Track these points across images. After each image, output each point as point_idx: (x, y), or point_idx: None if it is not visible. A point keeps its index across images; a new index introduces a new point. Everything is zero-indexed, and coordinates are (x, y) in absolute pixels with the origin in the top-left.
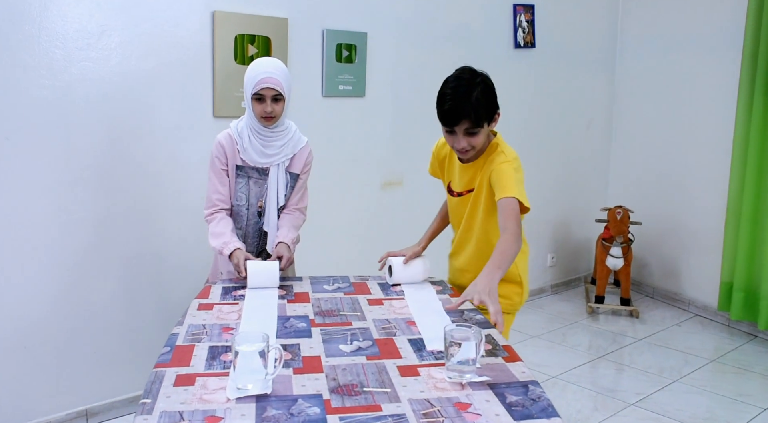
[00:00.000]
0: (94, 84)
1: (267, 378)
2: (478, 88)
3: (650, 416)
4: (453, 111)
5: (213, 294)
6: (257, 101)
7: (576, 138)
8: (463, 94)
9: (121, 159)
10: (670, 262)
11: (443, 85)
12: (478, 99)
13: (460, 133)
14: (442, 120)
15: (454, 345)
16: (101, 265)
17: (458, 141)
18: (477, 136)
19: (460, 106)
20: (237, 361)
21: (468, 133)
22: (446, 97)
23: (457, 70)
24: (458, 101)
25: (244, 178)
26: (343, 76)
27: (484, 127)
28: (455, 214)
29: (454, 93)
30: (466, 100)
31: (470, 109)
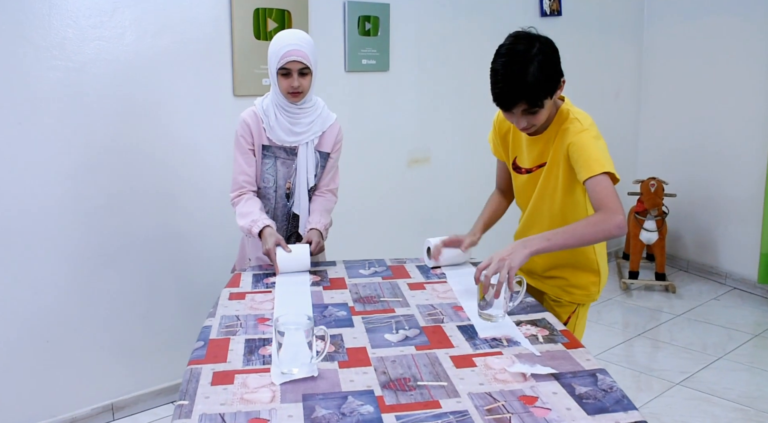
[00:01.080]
0: (109, 64)
1: (313, 361)
2: (534, 63)
3: (698, 396)
4: (506, 94)
5: (243, 282)
6: (283, 76)
7: (604, 108)
8: (517, 72)
9: (138, 142)
10: (705, 234)
11: (495, 59)
12: (535, 76)
13: (517, 114)
14: (496, 102)
15: (483, 285)
16: (121, 253)
17: (518, 122)
18: (538, 115)
19: (513, 87)
20: (282, 344)
21: (526, 113)
22: (498, 76)
23: (510, 38)
24: (511, 82)
25: (271, 158)
26: (366, 49)
27: (546, 103)
28: (523, 193)
29: (506, 71)
30: (521, 79)
31: (526, 89)
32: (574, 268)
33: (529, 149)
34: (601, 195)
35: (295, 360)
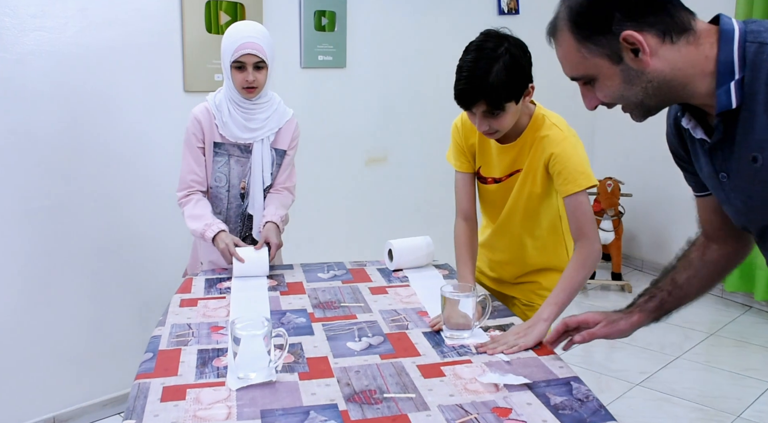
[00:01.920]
0: (51, 56)
1: (271, 365)
2: (499, 62)
3: (659, 396)
4: (467, 92)
5: (195, 287)
6: (237, 70)
7: (560, 108)
8: (481, 70)
9: (83, 140)
10: (660, 233)
11: (462, 55)
12: (498, 76)
13: (478, 114)
14: (457, 100)
15: (449, 303)
16: (66, 258)
17: (479, 124)
18: (501, 118)
19: (474, 85)
20: (238, 348)
21: (488, 115)
22: (462, 72)
23: (481, 35)
24: (474, 80)
25: (224, 156)
26: (322, 45)
27: (509, 107)
28: (491, 203)
29: (470, 69)
30: (483, 78)
31: (487, 88)
32: (547, 271)
33: (500, 157)
34: (580, 220)
35: (253, 364)
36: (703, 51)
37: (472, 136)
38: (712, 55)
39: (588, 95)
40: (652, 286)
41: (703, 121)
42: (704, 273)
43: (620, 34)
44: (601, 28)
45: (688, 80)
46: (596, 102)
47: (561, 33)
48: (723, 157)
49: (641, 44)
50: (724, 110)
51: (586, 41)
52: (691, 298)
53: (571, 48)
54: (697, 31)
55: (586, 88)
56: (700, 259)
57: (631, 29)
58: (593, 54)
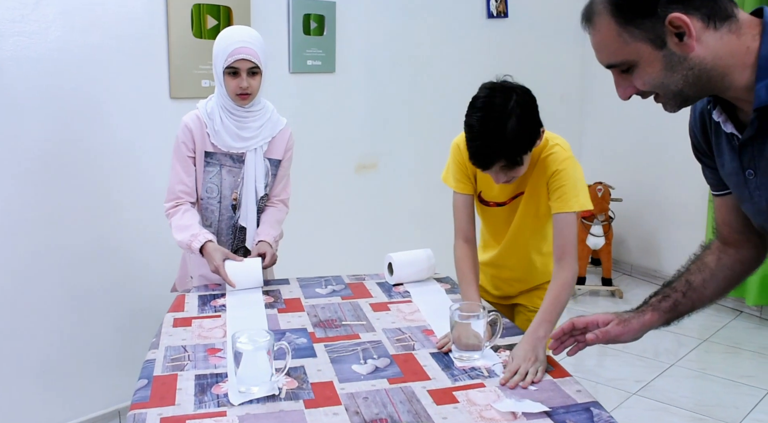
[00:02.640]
0: (31, 61)
1: (273, 379)
2: (513, 117)
3: (657, 406)
4: (484, 153)
5: (188, 305)
6: (230, 76)
7: (549, 111)
8: (495, 129)
9: (66, 147)
10: (649, 238)
11: (470, 112)
12: (514, 133)
13: (496, 170)
14: (473, 160)
15: (459, 325)
16: (50, 270)
17: (496, 177)
18: (519, 168)
19: (491, 145)
20: (240, 362)
21: (506, 168)
22: (474, 132)
23: (486, 90)
24: (489, 140)
25: (215, 166)
26: (311, 50)
27: (526, 158)
28: (493, 226)
29: (483, 128)
30: (499, 136)
31: (505, 147)
32: (531, 288)
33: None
34: (566, 239)
35: (255, 378)
36: (745, 42)
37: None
38: (754, 47)
39: (623, 84)
40: (665, 286)
41: (732, 116)
42: (720, 277)
43: (666, 17)
44: (646, 10)
45: (727, 71)
46: (632, 91)
47: (599, 17)
48: (752, 154)
49: (688, 28)
50: (762, 106)
51: (627, 25)
52: (705, 303)
53: (611, 33)
54: (739, 20)
55: (622, 77)
56: (716, 263)
57: (677, 11)
58: (635, 38)
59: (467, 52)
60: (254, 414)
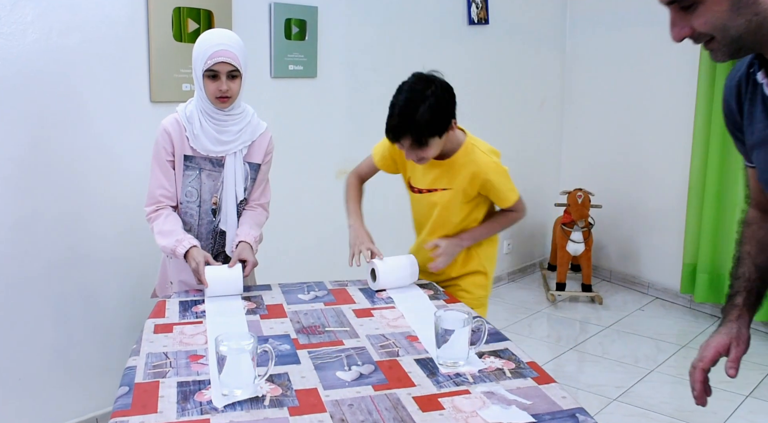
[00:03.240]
0: (7, 64)
1: (256, 382)
2: (426, 103)
3: (636, 411)
4: (395, 128)
5: (169, 311)
6: (210, 79)
7: (529, 118)
8: (408, 110)
9: (44, 151)
10: (627, 244)
11: (395, 94)
12: (423, 116)
13: (405, 146)
14: (387, 134)
15: (444, 332)
16: (24, 276)
17: (407, 154)
18: (426, 149)
19: (402, 123)
20: (223, 365)
21: (414, 147)
22: (394, 110)
23: (412, 77)
24: (401, 118)
25: (194, 170)
26: (293, 54)
27: (433, 142)
28: (419, 210)
29: (400, 108)
30: (410, 117)
31: (413, 126)
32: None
33: (425, 172)
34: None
35: (238, 381)
36: None
37: (397, 151)
38: None
39: (680, 23)
40: (737, 279)
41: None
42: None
43: None
44: None
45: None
46: (687, 32)
47: None
48: None
49: None
50: None
51: None
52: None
53: None
54: None
55: (680, 15)
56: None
57: None
58: None
59: (448, 58)
60: (238, 422)
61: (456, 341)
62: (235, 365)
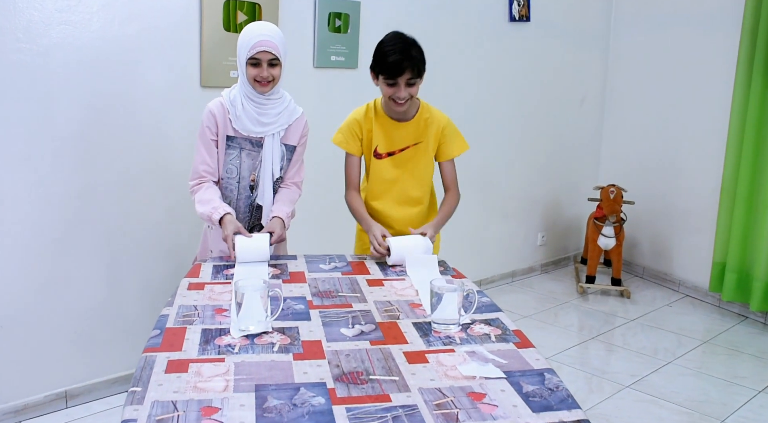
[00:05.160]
0: (75, 49)
1: (267, 320)
2: (414, 46)
3: (646, 398)
4: (397, 63)
5: (203, 273)
6: (252, 66)
7: (569, 115)
8: (405, 48)
9: (102, 129)
10: (660, 242)
11: (382, 44)
12: (417, 53)
13: (402, 83)
14: (387, 71)
15: (438, 296)
16: (82, 241)
17: (400, 91)
18: (415, 87)
19: (402, 58)
20: (241, 304)
21: (409, 83)
22: (389, 51)
23: (391, 33)
24: (401, 54)
25: (236, 149)
26: (335, 46)
27: (419, 81)
28: (380, 174)
29: (395, 48)
30: (408, 52)
31: (412, 61)
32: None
33: (396, 134)
34: (452, 176)
35: (252, 318)
36: None
37: (369, 124)
38: None
39: None
40: None
41: None
42: None
43: None
44: None
45: None
46: None
47: None
48: None
49: None
50: None
51: None
52: None
53: None
54: None
55: None
56: None
57: None
58: None
59: (489, 54)
60: (248, 362)
61: (447, 305)
62: (250, 305)
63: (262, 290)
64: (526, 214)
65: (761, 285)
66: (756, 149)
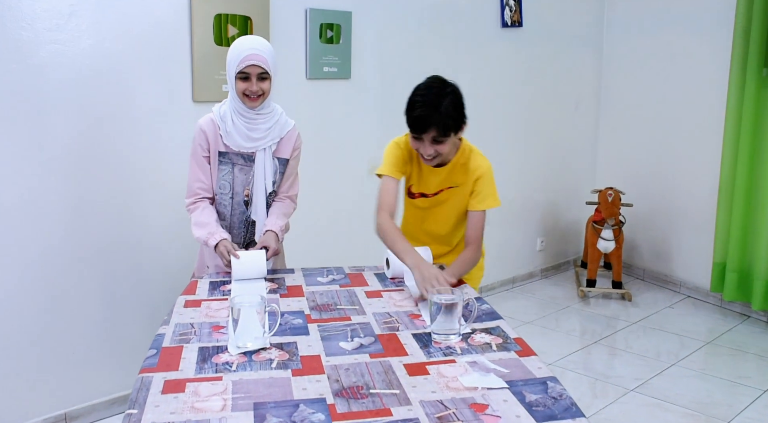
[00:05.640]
0: (65, 67)
1: (265, 336)
2: (447, 98)
3: (651, 402)
4: (422, 118)
5: (200, 289)
6: (242, 80)
7: (564, 119)
8: (433, 102)
9: (95, 146)
10: (659, 243)
11: (413, 93)
12: (447, 109)
13: (427, 140)
14: (411, 126)
15: (437, 307)
16: (77, 259)
17: (425, 148)
18: (443, 145)
19: (429, 114)
20: (237, 321)
21: (435, 141)
22: (416, 104)
23: (428, 79)
24: (428, 109)
25: (228, 164)
26: (327, 57)
27: (451, 136)
28: (413, 215)
29: (423, 101)
30: (435, 109)
31: (439, 118)
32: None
33: (431, 176)
34: (478, 231)
35: (249, 334)
36: None
37: (407, 155)
38: None
39: None
40: None
41: None
42: None
43: None
44: None
45: None
46: None
47: None
48: None
49: None
50: None
51: None
52: None
53: None
54: None
55: None
56: None
57: None
58: None
59: (481, 60)
60: (246, 380)
61: (446, 315)
62: (247, 322)
63: (258, 306)
64: (525, 219)
65: (762, 284)
66: (753, 147)
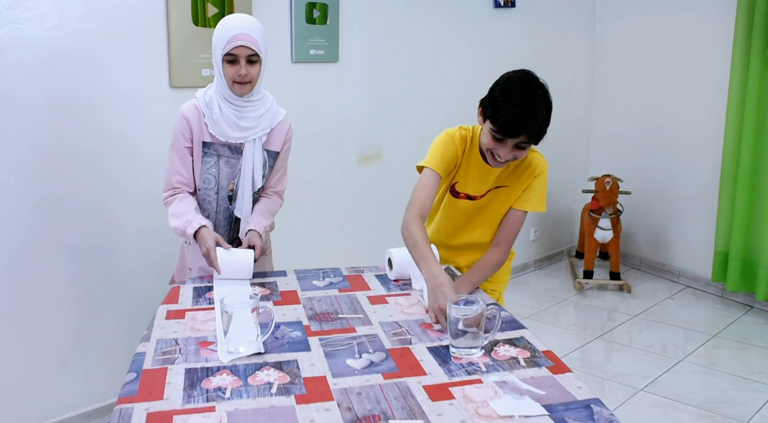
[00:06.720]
0: (28, 49)
1: (259, 339)
2: (543, 103)
3: (663, 402)
4: (516, 122)
5: (183, 297)
6: (229, 63)
7: (556, 103)
8: (530, 106)
9: (61, 137)
10: (657, 231)
11: (506, 87)
12: (542, 115)
13: (510, 144)
14: (500, 126)
15: (456, 320)
16: (45, 261)
17: (505, 151)
18: (524, 151)
19: (525, 118)
20: (228, 323)
21: (518, 146)
22: (512, 104)
23: (520, 74)
24: (524, 113)
25: (213, 156)
26: (314, 39)
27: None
28: (458, 217)
29: (520, 101)
30: (532, 113)
31: (534, 124)
32: None
33: (485, 176)
34: (512, 231)
35: (242, 338)
36: None
37: (461, 151)
38: None
39: None
40: None
41: None
42: None
43: None
44: None
45: None
46: None
47: None
48: None
49: None
50: None
51: None
52: None
53: None
54: None
55: None
56: None
57: None
58: None
59: (474, 42)
60: (243, 410)
61: (469, 329)
62: (239, 324)
63: (251, 306)
64: None
65: (767, 273)
66: (757, 129)
